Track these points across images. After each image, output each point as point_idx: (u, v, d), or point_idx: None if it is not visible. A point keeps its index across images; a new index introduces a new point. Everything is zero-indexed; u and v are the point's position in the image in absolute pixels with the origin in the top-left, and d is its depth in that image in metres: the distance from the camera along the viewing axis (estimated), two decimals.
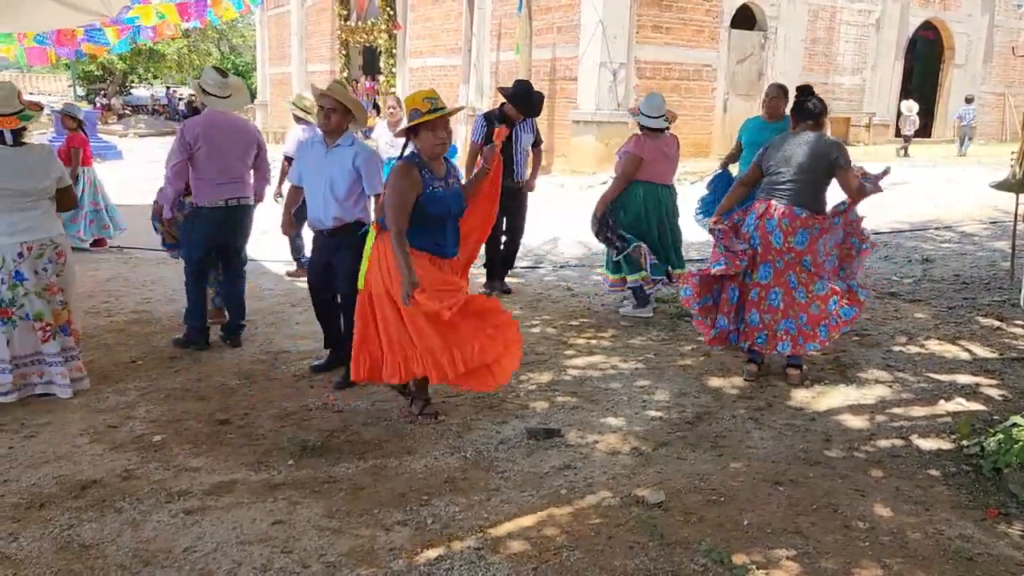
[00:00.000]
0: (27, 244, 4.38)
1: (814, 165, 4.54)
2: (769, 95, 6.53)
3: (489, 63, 17.54)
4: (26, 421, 4.23)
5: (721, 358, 5.17)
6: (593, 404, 4.45)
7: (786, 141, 4.69)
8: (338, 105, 4.53)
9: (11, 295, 4.40)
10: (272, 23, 28.69)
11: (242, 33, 44.00)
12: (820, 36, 18.59)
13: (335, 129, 4.57)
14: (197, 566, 2.91)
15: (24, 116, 4.43)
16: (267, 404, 4.48)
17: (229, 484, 3.53)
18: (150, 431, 4.12)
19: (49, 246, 4.47)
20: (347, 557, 2.96)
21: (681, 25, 16.03)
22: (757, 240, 4.65)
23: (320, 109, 4.62)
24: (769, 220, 4.60)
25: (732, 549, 2.97)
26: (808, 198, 4.56)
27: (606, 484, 3.51)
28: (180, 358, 5.27)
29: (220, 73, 5.36)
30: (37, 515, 3.26)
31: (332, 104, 4.53)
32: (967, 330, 5.73)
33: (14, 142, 4.38)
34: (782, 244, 4.58)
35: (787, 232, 4.55)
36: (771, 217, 4.60)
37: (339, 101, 4.54)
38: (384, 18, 20.17)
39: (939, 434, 4.02)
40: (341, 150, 4.58)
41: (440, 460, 3.77)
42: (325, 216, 4.60)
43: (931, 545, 3.03)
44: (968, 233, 9.69)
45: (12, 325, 4.43)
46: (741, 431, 4.08)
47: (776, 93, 6.49)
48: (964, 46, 21.11)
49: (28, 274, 4.40)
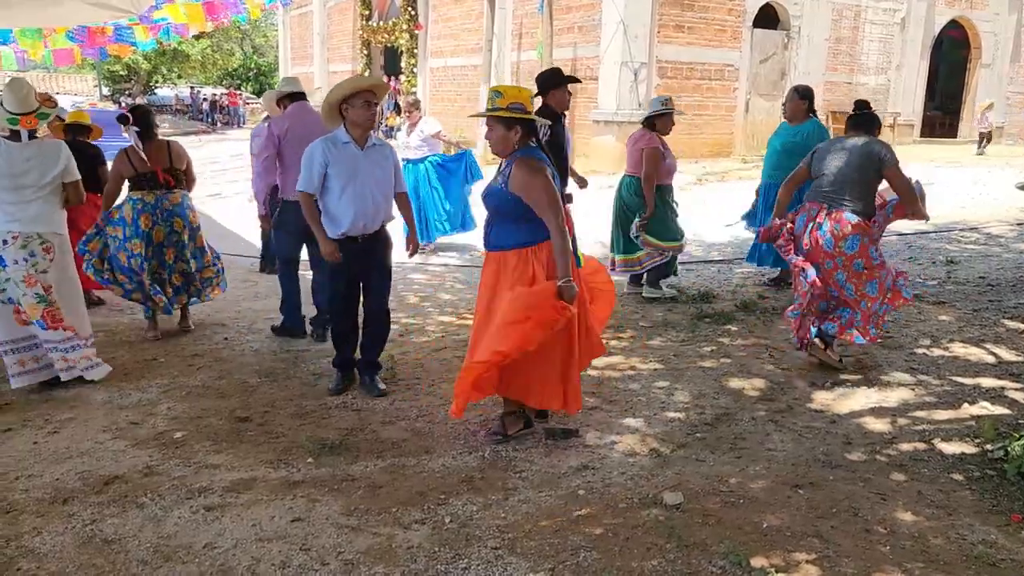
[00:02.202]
0: (13, 234, 4.49)
1: (864, 166, 4.66)
2: (788, 98, 6.63)
3: (510, 63, 17.56)
4: (50, 417, 4.28)
5: (742, 359, 5.14)
6: (611, 405, 4.44)
7: (835, 145, 4.84)
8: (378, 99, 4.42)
9: None
10: (294, 23, 28.91)
11: (265, 33, 44.37)
12: (844, 35, 18.44)
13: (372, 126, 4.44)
14: (217, 562, 2.94)
15: (41, 115, 4.58)
16: (286, 402, 4.51)
17: (249, 481, 3.56)
18: (171, 428, 4.16)
19: (35, 240, 4.52)
20: (365, 555, 2.98)
21: (703, 24, 15.95)
22: (808, 242, 4.79)
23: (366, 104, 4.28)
24: (821, 224, 4.72)
25: (751, 552, 2.95)
26: (858, 201, 4.67)
27: (624, 485, 3.50)
28: (201, 356, 5.32)
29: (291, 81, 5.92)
30: (60, 510, 3.30)
31: (376, 98, 4.38)
32: (992, 333, 5.65)
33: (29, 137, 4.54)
34: (832, 248, 4.69)
35: (838, 237, 4.65)
36: (822, 221, 4.72)
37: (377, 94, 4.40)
38: (405, 18, 20.26)
39: (963, 438, 3.97)
40: (378, 149, 4.46)
41: (458, 459, 3.77)
42: (375, 220, 4.42)
43: (953, 550, 2.99)
44: (994, 235, 9.56)
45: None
46: (761, 433, 4.05)
47: (791, 96, 6.56)
48: (991, 45, 20.85)
49: (8, 262, 4.51)
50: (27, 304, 4.56)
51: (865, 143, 4.72)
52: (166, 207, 5.44)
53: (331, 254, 4.34)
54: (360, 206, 4.34)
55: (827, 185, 4.74)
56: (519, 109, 3.61)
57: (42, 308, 4.57)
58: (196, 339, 5.69)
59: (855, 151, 4.71)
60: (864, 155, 4.67)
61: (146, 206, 5.38)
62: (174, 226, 5.49)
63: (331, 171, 4.31)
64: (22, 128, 4.49)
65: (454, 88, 19.82)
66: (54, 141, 4.85)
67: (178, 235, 5.53)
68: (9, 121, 4.46)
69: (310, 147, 4.37)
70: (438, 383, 4.77)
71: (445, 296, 7.07)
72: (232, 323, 6.10)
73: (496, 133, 3.66)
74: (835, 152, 4.79)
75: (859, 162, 4.67)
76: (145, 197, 5.38)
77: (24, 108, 4.49)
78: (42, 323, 4.58)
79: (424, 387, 4.71)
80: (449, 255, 8.99)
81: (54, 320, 4.60)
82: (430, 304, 6.68)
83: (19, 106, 4.48)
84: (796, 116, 6.44)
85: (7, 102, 4.50)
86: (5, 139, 4.49)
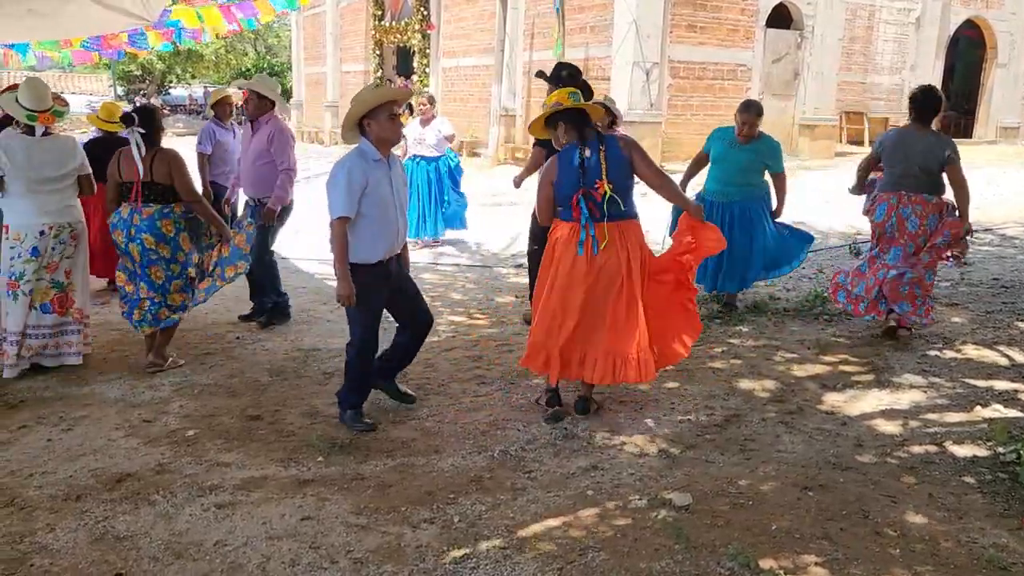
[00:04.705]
0: (48, 224, 4.78)
1: (932, 159, 5.16)
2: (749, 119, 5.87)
3: (522, 63, 17.54)
4: (64, 414, 4.32)
5: (752, 361, 5.12)
6: (621, 405, 4.44)
7: (906, 139, 5.28)
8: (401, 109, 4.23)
9: (22, 269, 4.77)
10: (307, 23, 28.98)
11: (277, 33, 44.52)
12: (858, 35, 18.31)
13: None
14: (227, 559, 2.96)
15: (56, 112, 4.89)
16: (297, 401, 4.54)
17: (259, 479, 3.58)
18: (183, 426, 4.19)
19: (66, 229, 4.87)
20: (374, 554, 2.99)
21: (716, 24, 15.87)
22: (894, 225, 5.27)
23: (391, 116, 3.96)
24: (904, 208, 5.23)
25: (759, 554, 2.94)
26: (931, 189, 5.22)
27: (633, 486, 3.50)
28: (213, 354, 5.35)
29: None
30: (73, 507, 3.33)
31: (400, 109, 4.12)
32: (1006, 335, 5.62)
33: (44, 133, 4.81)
34: (917, 228, 5.21)
35: (922, 216, 5.20)
36: (905, 205, 5.22)
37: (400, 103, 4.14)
38: (418, 18, 20.27)
39: (975, 440, 3.95)
40: (397, 162, 4.16)
41: (467, 459, 3.78)
42: (404, 236, 4.23)
43: (964, 553, 2.97)
44: (1009, 236, 9.50)
45: (14, 298, 4.79)
46: (771, 435, 4.05)
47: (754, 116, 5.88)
48: (1007, 45, 20.64)
49: (42, 251, 4.79)
50: (40, 288, 4.83)
51: (933, 137, 5.21)
52: (135, 222, 4.80)
53: (348, 298, 3.89)
54: (394, 227, 4.05)
55: (903, 175, 5.23)
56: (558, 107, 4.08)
57: (54, 293, 4.90)
58: (208, 338, 5.72)
59: (923, 144, 5.17)
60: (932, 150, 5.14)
61: (120, 221, 4.86)
62: (144, 243, 4.80)
63: (368, 192, 3.89)
64: (39, 124, 4.77)
65: (466, 88, 19.81)
66: (67, 136, 5.12)
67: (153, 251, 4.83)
68: (28, 118, 4.74)
69: (347, 167, 3.87)
70: (448, 383, 4.79)
71: (456, 296, 7.09)
72: (243, 322, 6.12)
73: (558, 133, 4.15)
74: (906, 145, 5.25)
75: (928, 157, 5.15)
76: (121, 211, 4.88)
77: (42, 106, 4.78)
78: (48, 306, 4.88)
79: (434, 387, 4.72)
80: (460, 255, 9.01)
81: (61, 305, 4.90)
82: (441, 304, 6.69)
83: (37, 104, 4.77)
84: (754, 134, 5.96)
85: (25, 99, 4.77)
86: (20, 134, 4.77)
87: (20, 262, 4.76)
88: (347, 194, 3.84)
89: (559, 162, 4.07)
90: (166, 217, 4.84)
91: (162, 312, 4.95)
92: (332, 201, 3.89)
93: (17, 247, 4.77)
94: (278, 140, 5.67)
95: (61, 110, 4.98)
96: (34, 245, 4.76)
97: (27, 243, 4.75)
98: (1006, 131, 20.28)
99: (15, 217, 4.78)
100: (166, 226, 4.84)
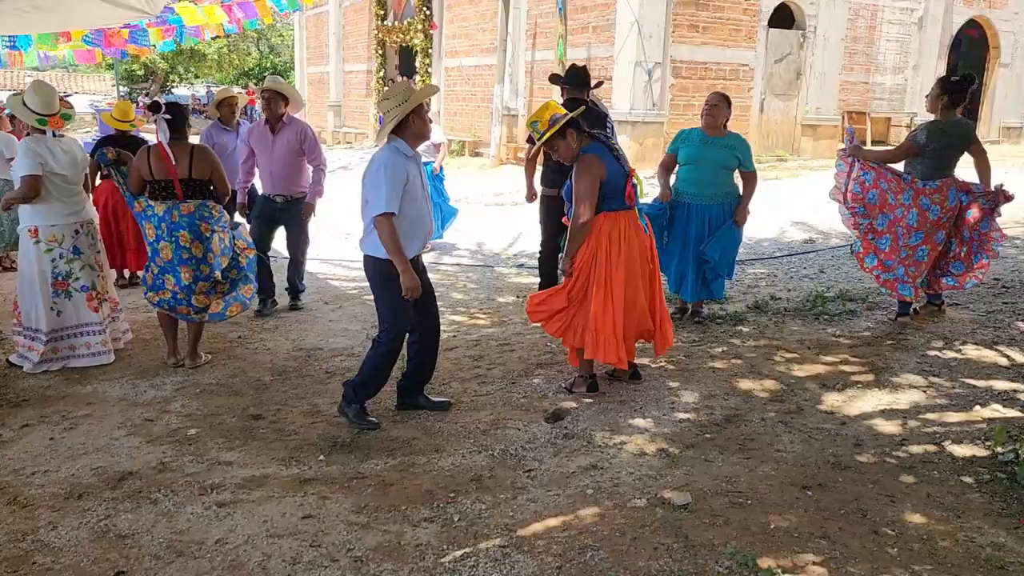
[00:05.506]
0: (80, 222, 4.97)
1: (967, 140, 5.58)
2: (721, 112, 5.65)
3: (524, 63, 17.56)
4: (67, 413, 4.34)
5: (752, 360, 5.13)
6: (621, 405, 4.45)
7: (948, 128, 5.52)
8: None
9: (68, 268, 4.91)
10: (310, 23, 29.01)
11: (280, 33, 44.56)
12: (861, 35, 18.30)
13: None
14: (228, 558, 2.98)
15: (64, 116, 4.97)
16: (299, 400, 4.55)
17: (261, 478, 3.60)
18: (185, 425, 4.21)
19: (91, 224, 5.08)
20: (374, 552, 3.01)
21: (718, 24, 15.88)
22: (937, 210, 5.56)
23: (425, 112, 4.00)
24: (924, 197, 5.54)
25: (758, 553, 2.95)
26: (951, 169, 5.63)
27: (632, 485, 3.51)
28: (215, 353, 5.37)
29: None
30: (75, 505, 3.36)
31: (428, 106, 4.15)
32: (1006, 335, 5.62)
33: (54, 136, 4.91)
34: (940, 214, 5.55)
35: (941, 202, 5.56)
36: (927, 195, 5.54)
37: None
38: (420, 18, 20.29)
39: (973, 440, 3.95)
40: (420, 157, 4.16)
41: (467, 458, 3.80)
42: (432, 231, 4.44)
43: (962, 553, 2.98)
44: (1010, 236, 9.48)
45: (67, 297, 4.93)
46: (770, 434, 4.06)
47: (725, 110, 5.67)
48: (1010, 45, 20.61)
49: (84, 248, 4.97)
50: (98, 283, 5.09)
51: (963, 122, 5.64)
52: (174, 219, 4.79)
53: (415, 289, 3.91)
54: (427, 222, 4.11)
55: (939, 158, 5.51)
56: (557, 120, 4.16)
57: (105, 283, 5.19)
58: (210, 337, 5.73)
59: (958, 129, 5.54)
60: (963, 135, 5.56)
61: (154, 217, 4.82)
62: (180, 240, 4.79)
63: (406, 188, 3.91)
64: (49, 128, 4.86)
65: (468, 88, 19.84)
66: (71, 138, 5.20)
67: (186, 250, 4.82)
68: (39, 122, 4.83)
69: (387, 163, 3.87)
70: (449, 382, 4.80)
71: (457, 296, 7.10)
72: (246, 321, 6.15)
73: (559, 149, 4.28)
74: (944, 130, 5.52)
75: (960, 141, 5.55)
76: (155, 208, 4.82)
77: (51, 110, 4.86)
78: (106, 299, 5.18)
79: (436, 386, 4.73)
80: (461, 255, 9.03)
81: (89, 300, 5.03)
82: (442, 303, 6.68)
83: (46, 108, 4.85)
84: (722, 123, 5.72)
85: (34, 104, 4.83)
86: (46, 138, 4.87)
87: (63, 263, 4.91)
88: (392, 190, 3.84)
89: (604, 159, 4.24)
90: (205, 220, 4.84)
91: (180, 308, 4.93)
92: (376, 198, 3.86)
93: (56, 248, 4.90)
94: (311, 139, 6.14)
95: (68, 113, 5.08)
96: (74, 244, 4.94)
97: (66, 243, 4.92)
98: (1009, 131, 20.27)
99: (48, 219, 4.85)
100: (204, 227, 4.85)
